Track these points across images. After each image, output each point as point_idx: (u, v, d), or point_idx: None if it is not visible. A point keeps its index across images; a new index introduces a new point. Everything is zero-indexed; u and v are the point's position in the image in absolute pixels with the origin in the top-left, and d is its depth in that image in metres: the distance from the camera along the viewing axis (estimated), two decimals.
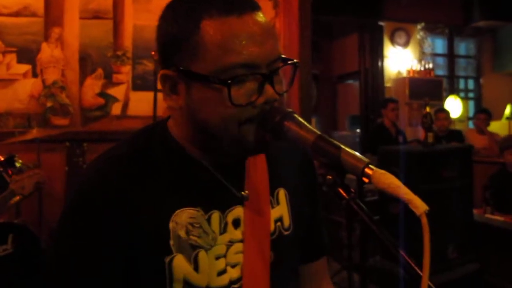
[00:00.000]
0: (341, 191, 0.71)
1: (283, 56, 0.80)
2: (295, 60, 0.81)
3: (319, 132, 0.74)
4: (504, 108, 6.74)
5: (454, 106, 6.74)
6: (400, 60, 6.58)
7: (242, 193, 0.87)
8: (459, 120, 6.89)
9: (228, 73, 0.74)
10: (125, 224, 0.78)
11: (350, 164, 0.69)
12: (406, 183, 0.64)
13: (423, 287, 0.59)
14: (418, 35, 6.67)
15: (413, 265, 0.65)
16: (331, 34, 7.24)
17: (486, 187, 3.71)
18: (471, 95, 7.69)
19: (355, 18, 6.16)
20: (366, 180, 0.67)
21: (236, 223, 0.87)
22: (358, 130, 6.94)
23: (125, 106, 4.73)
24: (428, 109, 2.82)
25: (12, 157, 3.23)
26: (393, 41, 6.52)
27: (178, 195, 0.83)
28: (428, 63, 6.68)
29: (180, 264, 0.80)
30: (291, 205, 0.95)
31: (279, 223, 0.92)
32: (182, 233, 0.81)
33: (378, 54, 6.31)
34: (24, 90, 4.43)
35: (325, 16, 5.73)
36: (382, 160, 2.87)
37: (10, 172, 3.14)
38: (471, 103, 7.60)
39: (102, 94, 4.63)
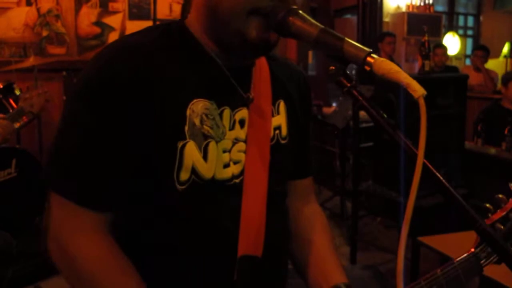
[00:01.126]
0: (343, 80, 0.74)
1: None
2: None
3: (322, 26, 0.76)
4: (503, 46, 6.67)
5: (452, 43, 6.66)
6: None
7: (249, 95, 0.91)
8: (456, 57, 6.82)
9: None
10: (142, 103, 0.79)
11: (352, 54, 0.71)
12: (402, 109, 0.64)
13: (418, 162, 0.64)
14: None
15: (409, 145, 0.68)
16: None
17: (479, 120, 3.75)
18: (470, 32, 7.58)
19: None
20: (367, 68, 0.69)
21: (242, 123, 0.91)
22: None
23: (122, 35, 4.51)
24: (426, 37, 2.79)
25: (11, 85, 3.23)
26: None
27: (195, 86, 0.85)
28: None
29: (191, 150, 0.82)
30: (289, 118, 0.99)
31: (277, 131, 0.96)
32: (197, 121, 0.83)
33: None
34: (18, 19, 4.35)
35: None
36: (378, 89, 2.85)
37: (10, 100, 3.16)
38: (470, 41, 7.50)
39: (98, 23, 4.58)
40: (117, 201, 0.83)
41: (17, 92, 3.23)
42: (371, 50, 0.71)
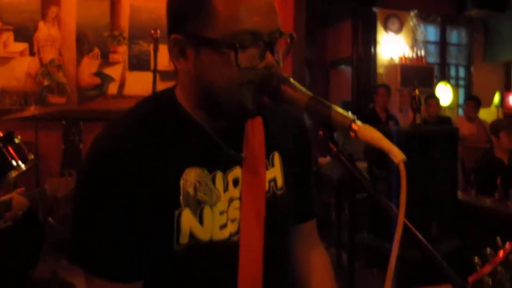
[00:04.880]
0: (331, 145, 0.81)
1: (281, 30, 0.88)
2: (291, 32, 0.90)
3: (312, 94, 0.83)
4: (493, 96, 6.82)
5: (444, 93, 6.76)
6: (392, 46, 6.57)
7: (241, 154, 0.95)
8: (449, 107, 6.91)
9: (235, 39, 0.82)
10: (140, 185, 0.86)
11: (338, 121, 0.78)
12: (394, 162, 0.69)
13: (399, 223, 0.69)
14: (411, 22, 6.67)
15: (393, 207, 0.74)
16: (325, 21, 7.19)
17: (472, 170, 3.78)
18: (461, 83, 7.68)
19: (348, 4, 6.20)
20: (352, 134, 0.76)
21: (236, 182, 0.95)
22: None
23: (121, 85, 4.80)
24: (417, 91, 2.92)
25: (11, 133, 3.22)
26: (386, 28, 6.50)
27: (186, 156, 0.90)
28: (420, 50, 6.67)
29: (187, 217, 0.89)
30: (284, 168, 1.03)
31: (272, 183, 1.01)
32: (190, 190, 0.89)
33: (371, 40, 6.33)
34: (21, 69, 4.45)
35: (319, 3, 5.77)
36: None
37: (9, 148, 3.16)
38: (461, 91, 7.57)
39: (98, 73, 4.69)
40: (138, 270, 0.90)
41: (17, 141, 3.24)
42: (355, 118, 0.78)
